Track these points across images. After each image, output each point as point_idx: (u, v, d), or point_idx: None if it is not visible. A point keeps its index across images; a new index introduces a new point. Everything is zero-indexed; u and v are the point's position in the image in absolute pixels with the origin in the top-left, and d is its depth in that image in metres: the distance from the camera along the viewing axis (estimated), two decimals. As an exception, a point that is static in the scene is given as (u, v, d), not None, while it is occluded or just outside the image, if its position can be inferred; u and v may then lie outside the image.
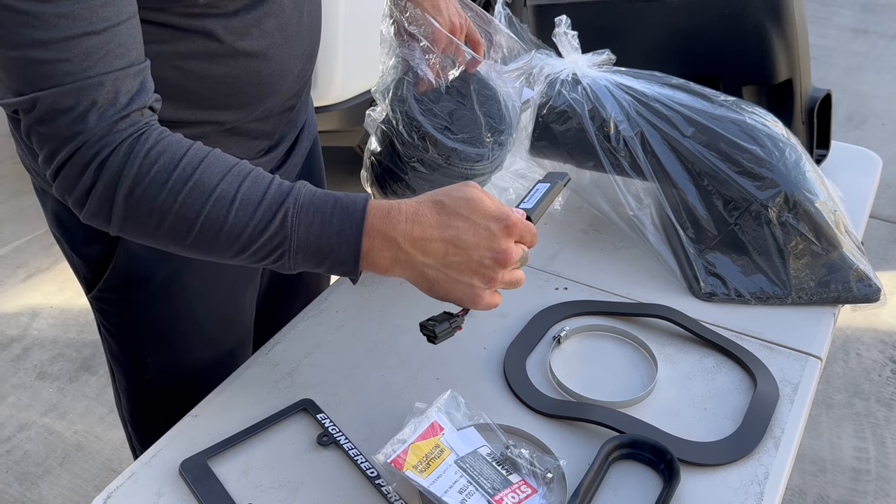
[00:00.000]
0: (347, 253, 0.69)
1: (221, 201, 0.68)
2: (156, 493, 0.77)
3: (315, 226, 0.69)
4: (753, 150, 0.99)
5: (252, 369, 0.91)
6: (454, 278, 0.71)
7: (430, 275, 0.71)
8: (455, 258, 0.70)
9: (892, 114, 3.52)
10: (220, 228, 0.68)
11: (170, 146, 0.68)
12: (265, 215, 0.68)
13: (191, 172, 0.68)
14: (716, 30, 1.18)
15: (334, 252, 0.70)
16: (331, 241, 0.69)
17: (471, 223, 0.69)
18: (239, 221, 0.68)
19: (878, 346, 2.28)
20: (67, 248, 0.97)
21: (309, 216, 0.69)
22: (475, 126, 0.89)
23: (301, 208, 0.69)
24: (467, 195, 0.70)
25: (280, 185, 0.70)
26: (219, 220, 0.68)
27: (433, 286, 0.72)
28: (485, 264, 0.70)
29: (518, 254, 0.71)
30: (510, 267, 0.71)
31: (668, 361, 0.92)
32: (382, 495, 0.76)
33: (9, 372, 2.17)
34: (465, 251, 0.69)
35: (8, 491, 1.84)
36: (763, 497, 0.76)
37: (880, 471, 1.90)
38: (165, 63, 0.79)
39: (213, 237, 0.69)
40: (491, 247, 0.69)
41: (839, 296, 1.01)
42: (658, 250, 1.07)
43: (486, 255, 0.70)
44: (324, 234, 0.69)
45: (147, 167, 0.67)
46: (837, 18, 4.53)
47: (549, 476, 0.77)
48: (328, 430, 0.83)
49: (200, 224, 0.68)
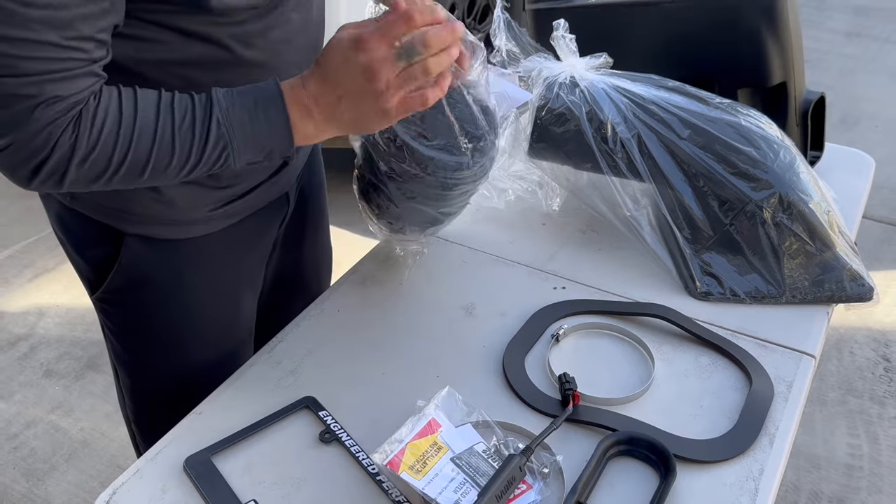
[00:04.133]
0: (279, 131, 0.75)
1: (165, 138, 0.73)
2: (160, 489, 0.78)
3: (247, 124, 0.74)
4: (748, 152, 1.00)
5: (255, 368, 0.92)
6: (361, 112, 0.74)
7: (341, 120, 0.75)
8: (349, 99, 0.73)
9: (884, 116, 3.54)
10: (170, 160, 0.74)
11: (109, 104, 0.72)
12: (202, 132, 0.73)
13: (132, 123, 0.72)
14: (711, 34, 1.19)
15: (269, 134, 0.75)
16: (261, 125, 0.75)
17: (338, 62, 0.72)
18: (184, 147, 0.73)
19: (871, 344, 2.30)
20: (71, 249, 0.98)
21: (237, 116, 0.74)
22: (449, 132, 0.86)
23: (228, 112, 0.74)
24: (331, 43, 0.73)
25: (200, 100, 0.74)
26: (168, 153, 0.73)
27: (356, 127, 0.77)
28: (365, 88, 0.72)
29: (382, 51, 0.71)
30: (385, 71, 0.71)
31: (665, 360, 0.94)
32: (384, 491, 0.77)
33: (16, 370, 2.18)
34: (346, 88, 0.73)
35: (15, 487, 1.85)
36: (758, 493, 0.77)
37: (873, 467, 1.92)
38: (169, 70, 0.80)
39: (164, 169, 0.74)
40: (357, 70, 0.72)
41: (833, 295, 1.02)
42: (655, 250, 1.08)
43: (359, 79, 0.72)
44: (257, 128, 0.75)
45: (95, 136, 0.70)
46: (831, 22, 4.54)
47: (545, 471, 0.78)
48: (330, 427, 0.84)
49: (152, 164, 0.73)
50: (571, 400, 0.85)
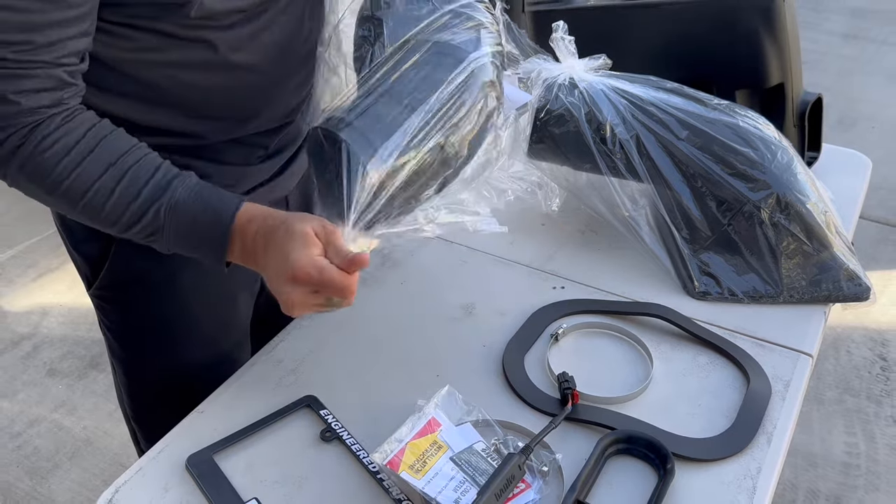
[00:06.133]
0: (212, 255, 0.78)
1: (99, 194, 0.75)
2: (163, 487, 0.78)
3: (184, 226, 0.77)
4: (746, 153, 1.00)
5: (256, 367, 0.93)
6: (274, 289, 0.77)
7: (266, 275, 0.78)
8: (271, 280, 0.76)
9: (881, 117, 3.55)
10: (98, 214, 0.76)
11: (65, 134, 0.74)
12: (141, 208, 0.76)
13: (75, 165, 0.74)
14: (709, 35, 1.19)
15: (201, 251, 0.79)
16: (198, 242, 0.78)
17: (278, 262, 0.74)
18: (116, 210, 0.76)
19: (867, 343, 2.30)
20: (69, 245, 0.99)
21: (179, 215, 0.76)
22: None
23: (174, 206, 0.76)
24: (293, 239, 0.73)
25: (158, 182, 0.76)
26: (97, 208, 0.76)
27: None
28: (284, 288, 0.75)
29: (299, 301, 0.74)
30: (302, 306, 0.75)
31: (663, 359, 0.94)
32: (384, 490, 0.78)
33: (19, 369, 2.19)
34: (270, 280, 0.76)
35: (18, 485, 1.86)
36: (755, 491, 0.78)
37: (870, 465, 1.93)
38: (160, 71, 0.80)
39: (95, 218, 0.77)
40: (278, 289, 0.75)
41: (830, 295, 1.02)
42: (653, 250, 1.08)
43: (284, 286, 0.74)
44: (192, 235, 0.77)
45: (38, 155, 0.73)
46: (828, 24, 4.55)
47: (544, 470, 0.78)
48: (331, 425, 0.84)
49: (81, 207, 0.76)
50: (570, 399, 0.85)
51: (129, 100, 0.83)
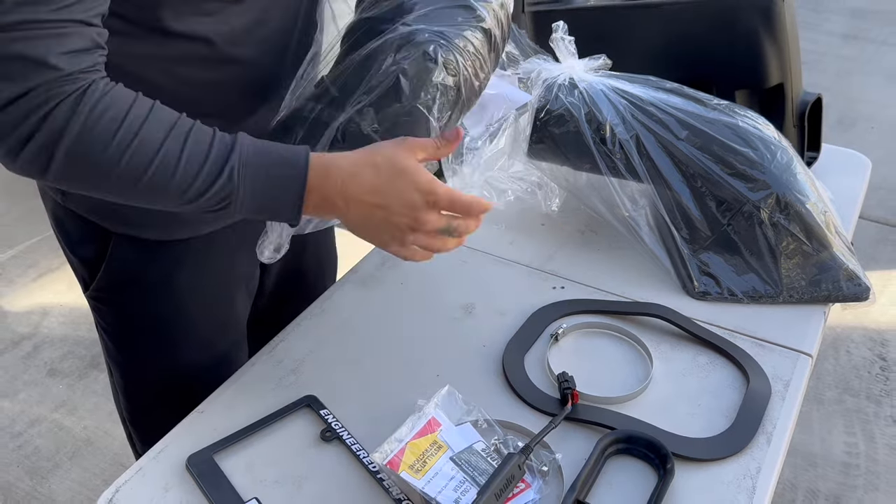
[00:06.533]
0: (289, 209, 0.74)
1: (168, 159, 0.69)
2: (163, 487, 0.79)
3: (259, 182, 0.72)
4: (746, 153, 1.01)
5: (256, 367, 0.93)
6: (372, 232, 0.77)
7: (352, 224, 0.77)
8: (377, 218, 0.75)
9: (881, 117, 3.55)
10: (166, 185, 0.70)
11: (115, 101, 0.68)
12: (211, 171, 0.70)
13: (136, 130, 0.68)
14: (709, 35, 1.19)
15: (277, 208, 0.74)
16: (275, 197, 0.73)
17: (399, 190, 0.74)
18: (186, 178, 0.70)
19: (867, 343, 2.31)
20: (65, 247, 0.98)
21: (253, 171, 0.72)
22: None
23: (246, 164, 0.71)
24: (401, 165, 0.74)
25: (222, 139, 0.72)
26: (166, 177, 0.69)
27: (354, 230, 0.78)
28: (401, 227, 0.75)
29: (437, 223, 0.75)
30: (423, 233, 0.75)
31: (663, 359, 0.94)
32: (384, 490, 0.78)
33: (20, 369, 2.19)
34: (387, 213, 0.74)
35: (19, 485, 1.86)
36: (755, 491, 0.78)
37: (869, 465, 1.93)
38: (157, 66, 0.80)
39: (159, 192, 0.70)
40: (411, 214, 0.74)
41: (829, 295, 1.03)
42: (653, 250, 1.08)
43: (404, 221, 0.74)
44: (268, 191, 0.73)
45: (92, 124, 0.66)
46: (828, 24, 4.55)
47: (544, 469, 0.78)
48: (331, 425, 0.85)
49: (147, 181, 0.69)
50: (570, 399, 0.85)
51: None
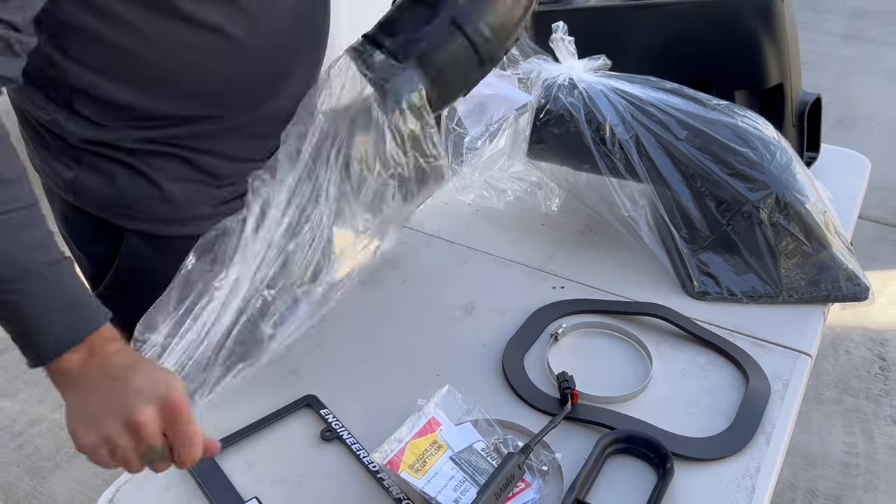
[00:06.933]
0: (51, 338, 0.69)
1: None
2: (164, 486, 0.79)
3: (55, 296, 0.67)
4: (745, 153, 1.01)
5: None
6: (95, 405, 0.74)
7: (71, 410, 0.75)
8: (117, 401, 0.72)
9: (880, 117, 3.55)
10: None
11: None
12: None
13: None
14: (709, 36, 1.20)
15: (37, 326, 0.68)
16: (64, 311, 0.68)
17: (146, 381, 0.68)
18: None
19: (866, 343, 2.31)
20: (74, 246, 0.99)
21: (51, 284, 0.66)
22: None
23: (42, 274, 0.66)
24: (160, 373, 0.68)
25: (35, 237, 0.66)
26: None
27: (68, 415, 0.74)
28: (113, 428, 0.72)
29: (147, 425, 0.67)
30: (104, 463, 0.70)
31: (663, 358, 0.94)
32: (384, 489, 0.78)
33: (21, 368, 2.17)
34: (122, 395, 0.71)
35: (19, 485, 1.87)
36: (754, 490, 0.78)
37: (869, 465, 1.93)
38: (166, 51, 0.80)
39: None
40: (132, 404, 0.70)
41: (829, 294, 1.03)
42: (652, 250, 1.09)
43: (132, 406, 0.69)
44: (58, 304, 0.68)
45: None
46: (828, 24, 4.55)
47: (544, 469, 0.79)
48: (331, 425, 0.85)
49: None
50: (570, 398, 0.86)
51: (144, 86, 0.83)
